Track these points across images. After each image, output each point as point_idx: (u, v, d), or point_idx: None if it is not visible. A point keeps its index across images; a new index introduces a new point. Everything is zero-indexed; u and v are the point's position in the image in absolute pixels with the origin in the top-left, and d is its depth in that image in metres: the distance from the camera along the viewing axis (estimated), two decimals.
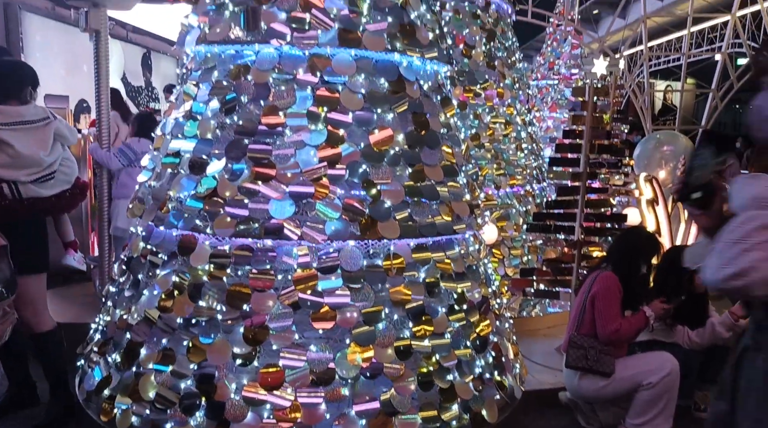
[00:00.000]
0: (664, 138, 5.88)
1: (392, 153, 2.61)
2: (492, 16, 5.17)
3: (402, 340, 2.47)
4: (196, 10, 2.73)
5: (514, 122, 5.25)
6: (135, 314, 2.61)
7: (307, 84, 2.53)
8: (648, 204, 4.58)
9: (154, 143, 2.87)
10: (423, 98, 2.79)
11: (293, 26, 2.48)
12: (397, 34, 2.63)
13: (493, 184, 5.03)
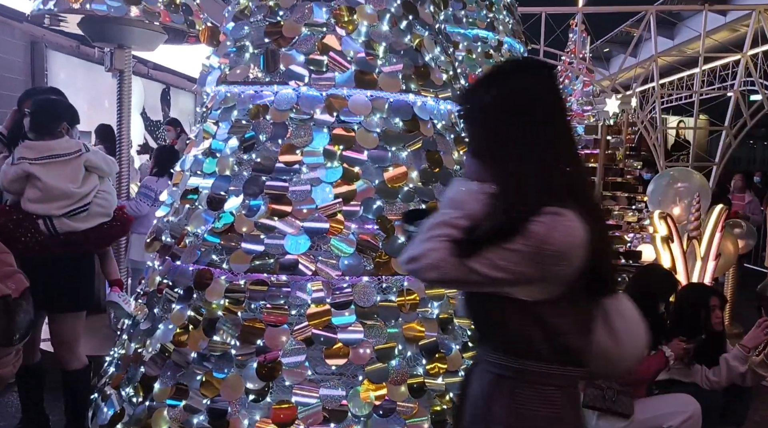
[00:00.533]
0: (678, 175, 5.87)
1: (406, 190, 2.65)
2: (504, 55, 5.28)
3: (415, 377, 2.46)
4: (218, 52, 2.83)
5: None
6: (150, 348, 2.62)
7: (323, 124, 2.59)
8: (663, 241, 4.56)
9: (173, 179, 2.94)
10: (437, 137, 2.84)
11: (311, 68, 2.56)
12: (412, 75, 2.70)
13: None
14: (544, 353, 1.32)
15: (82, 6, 3.48)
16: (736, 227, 5.88)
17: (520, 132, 1.30)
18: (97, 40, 3.98)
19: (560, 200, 1.25)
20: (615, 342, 1.42)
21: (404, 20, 2.72)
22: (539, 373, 1.32)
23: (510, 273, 1.24)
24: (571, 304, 1.32)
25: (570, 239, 1.23)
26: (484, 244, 1.25)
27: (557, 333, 1.31)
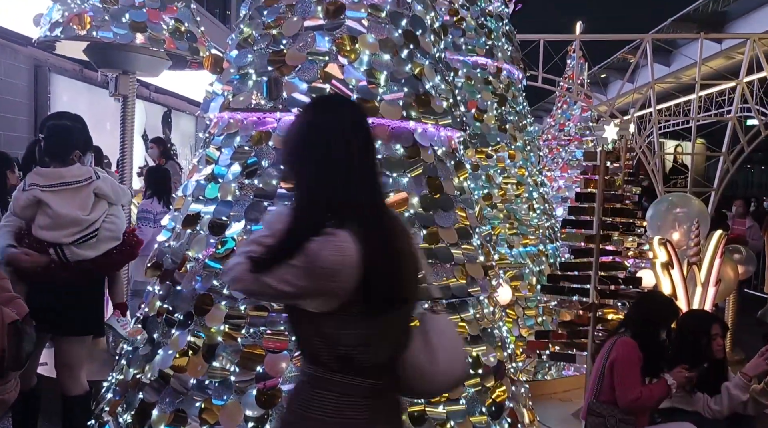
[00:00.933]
0: (676, 200, 5.90)
1: (407, 215, 2.66)
2: (503, 81, 5.35)
3: (416, 406, 2.44)
4: (221, 79, 2.87)
5: (526, 182, 5.33)
6: (149, 374, 2.60)
7: None
8: (663, 267, 4.55)
9: (175, 204, 2.95)
10: (437, 163, 2.86)
11: (314, 96, 2.60)
12: (413, 103, 2.74)
13: (506, 243, 5.06)
14: (327, 361, 1.45)
15: (88, 33, 3.54)
16: (735, 252, 5.88)
17: (311, 162, 1.45)
18: (102, 66, 4.03)
19: (340, 222, 1.40)
20: (430, 359, 1.51)
21: (405, 49, 2.77)
22: (324, 379, 1.46)
23: (294, 287, 1.38)
24: (353, 318, 1.42)
25: (339, 257, 1.36)
26: (277, 260, 1.39)
27: (337, 344, 1.43)
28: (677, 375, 2.97)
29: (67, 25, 3.53)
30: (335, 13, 2.66)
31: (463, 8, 5.16)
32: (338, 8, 2.66)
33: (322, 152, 1.45)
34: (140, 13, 3.61)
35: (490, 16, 5.31)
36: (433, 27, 3.01)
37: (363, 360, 1.45)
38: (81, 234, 2.86)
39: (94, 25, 3.53)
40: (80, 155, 3.02)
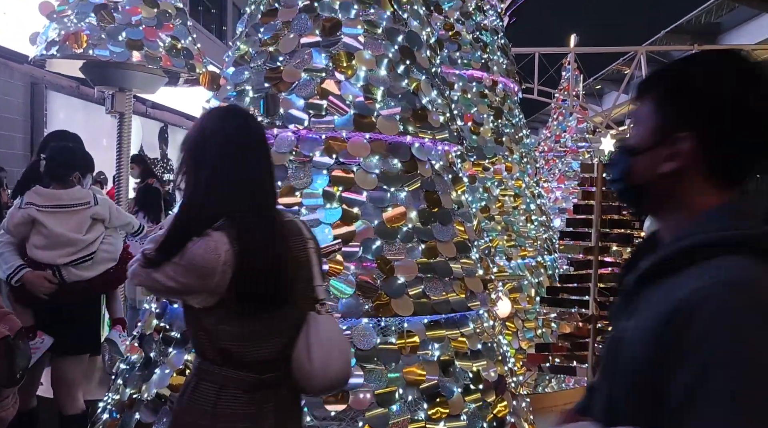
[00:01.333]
0: None
1: (405, 230, 2.65)
2: (499, 94, 5.38)
3: (416, 422, 2.41)
4: (218, 96, 2.87)
5: (523, 194, 5.34)
6: (145, 394, 2.57)
7: (323, 165, 2.62)
8: None
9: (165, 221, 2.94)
10: (435, 177, 2.86)
11: (311, 112, 2.60)
12: (410, 118, 2.74)
13: (504, 255, 5.06)
14: (211, 355, 1.57)
15: (84, 51, 3.55)
16: None
17: (197, 167, 1.57)
18: (99, 83, 4.04)
19: (219, 226, 1.51)
20: (308, 357, 1.59)
21: (401, 65, 2.78)
22: (208, 371, 1.58)
23: (177, 283, 1.50)
24: (230, 314, 1.53)
25: (212, 256, 1.47)
26: (164, 258, 1.50)
27: (217, 338, 1.54)
28: None
29: (63, 43, 3.54)
30: (331, 29, 2.67)
31: (459, 23, 5.20)
32: (334, 25, 2.67)
33: (207, 159, 1.56)
34: (137, 31, 3.63)
35: (485, 30, 5.35)
36: (429, 42, 3.03)
37: (243, 354, 1.55)
38: (76, 255, 2.87)
39: (91, 44, 3.54)
40: (80, 177, 3.04)
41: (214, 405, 1.54)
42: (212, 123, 1.62)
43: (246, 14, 2.97)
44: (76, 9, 3.65)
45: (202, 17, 17.86)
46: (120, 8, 3.65)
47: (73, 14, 3.64)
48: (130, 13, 3.67)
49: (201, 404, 1.55)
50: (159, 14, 3.77)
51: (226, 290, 1.50)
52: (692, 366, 0.81)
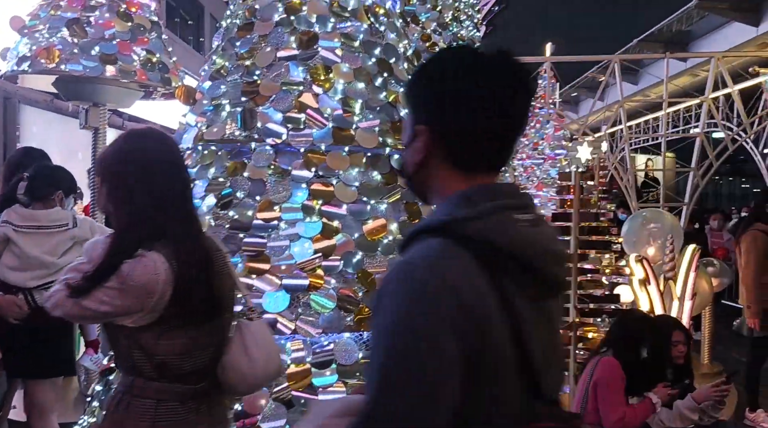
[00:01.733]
0: (650, 215, 6.01)
1: (386, 242, 2.64)
2: None
3: None
4: (194, 110, 2.85)
5: None
6: None
7: (302, 179, 2.60)
8: (640, 284, 4.62)
9: None
10: None
11: (289, 126, 2.59)
12: (389, 130, 2.74)
13: None
14: (145, 371, 1.60)
15: (57, 66, 3.49)
16: (709, 265, 5.99)
17: (122, 188, 1.62)
18: (72, 98, 3.97)
19: (151, 246, 1.56)
20: (249, 361, 1.70)
21: (379, 77, 2.78)
22: (140, 387, 1.61)
23: (113, 307, 1.53)
24: (171, 329, 1.59)
25: (152, 275, 1.53)
26: (95, 284, 1.53)
27: (155, 353, 1.59)
28: (660, 393, 2.98)
29: (35, 59, 3.47)
30: (308, 43, 2.66)
31: (436, 33, 5.24)
32: (311, 38, 2.67)
33: (133, 182, 1.60)
34: (110, 45, 3.57)
35: (462, 41, 5.39)
36: (407, 55, 3.04)
37: (181, 367, 1.62)
38: (48, 279, 2.81)
39: (63, 58, 3.48)
40: (62, 198, 2.98)
41: (152, 421, 1.58)
42: (132, 145, 1.66)
43: (221, 28, 2.95)
44: (48, 24, 3.58)
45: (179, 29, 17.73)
46: (93, 22, 3.60)
47: (45, 29, 3.58)
48: (103, 27, 3.62)
49: (138, 421, 1.58)
50: (133, 28, 3.73)
51: (168, 307, 1.57)
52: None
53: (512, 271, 0.93)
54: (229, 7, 2.99)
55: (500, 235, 0.93)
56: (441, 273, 0.88)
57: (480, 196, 0.97)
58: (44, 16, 3.63)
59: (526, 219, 0.98)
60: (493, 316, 0.90)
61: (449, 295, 0.87)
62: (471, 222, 0.94)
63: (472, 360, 0.88)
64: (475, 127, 0.99)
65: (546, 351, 0.98)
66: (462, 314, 0.87)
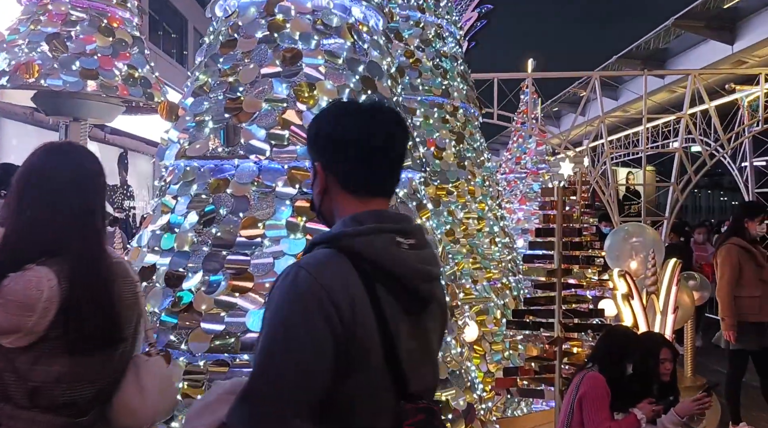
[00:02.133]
0: (632, 230, 6.06)
1: None
2: (460, 119, 5.45)
3: None
4: (177, 126, 2.82)
5: (487, 217, 5.39)
6: None
7: (286, 196, 2.58)
8: (624, 299, 4.64)
9: (130, 256, 2.84)
10: (399, 205, 2.86)
11: (272, 142, 2.57)
12: None
13: (470, 278, 5.07)
14: (17, 397, 1.47)
15: (36, 81, 3.44)
16: (690, 279, 6.06)
17: (17, 202, 1.53)
18: (52, 113, 3.92)
19: (44, 261, 1.47)
20: (141, 398, 1.61)
21: (363, 95, 2.79)
22: (11, 416, 1.48)
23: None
24: (49, 353, 1.47)
25: (34, 292, 1.42)
26: None
27: (28, 379, 1.47)
28: (645, 408, 2.98)
29: (14, 73, 3.42)
30: (292, 60, 2.66)
31: (419, 50, 5.28)
32: (295, 55, 2.67)
33: (31, 195, 1.53)
34: (91, 60, 3.54)
35: (445, 57, 5.44)
36: (390, 72, 3.05)
37: (57, 396, 1.49)
38: None
39: (43, 73, 3.44)
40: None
41: None
42: (39, 159, 1.59)
43: (204, 44, 2.94)
44: (27, 38, 3.54)
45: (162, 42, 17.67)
46: (74, 37, 3.56)
47: (24, 44, 3.53)
48: (84, 42, 3.58)
49: None
50: (115, 43, 3.70)
51: (51, 329, 1.45)
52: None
53: (384, 282, 1.13)
54: (212, 23, 2.98)
55: (375, 251, 1.13)
56: (318, 276, 1.08)
57: (367, 218, 1.17)
58: (24, 30, 3.59)
59: (408, 243, 1.17)
60: (363, 314, 1.09)
61: (323, 293, 1.06)
62: (353, 237, 1.13)
63: (341, 347, 1.06)
64: (357, 162, 1.20)
65: (415, 355, 1.17)
66: (333, 308, 1.06)
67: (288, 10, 2.72)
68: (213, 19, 2.98)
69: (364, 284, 1.10)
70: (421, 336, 1.20)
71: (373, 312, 1.09)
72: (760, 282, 4.84)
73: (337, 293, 1.07)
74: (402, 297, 1.14)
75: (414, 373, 1.15)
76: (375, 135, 1.21)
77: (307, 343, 1.04)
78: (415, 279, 1.16)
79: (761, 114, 9.18)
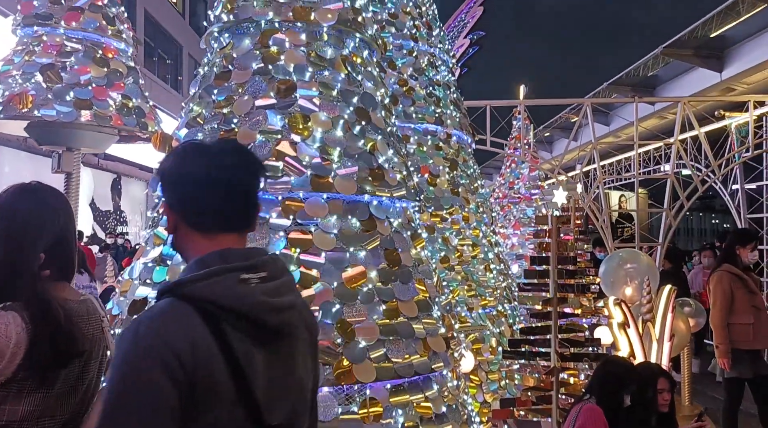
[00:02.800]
0: (626, 256, 6.06)
1: (365, 290, 2.60)
2: (453, 146, 5.48)
3: None
4: None
5: (481, 243, 5.38)
6: None
7: (280, 228, 2.56)
8: (620, 327, 4.61)
9: (121, 287, 2.80)
10: (394, 234, 2.84)
11: (267, 174, 2.55)
12: (367, 177, 2.74)
13: (465, 306, 5.04)
14: None
15: (30, 112, 3.43)
16: (685, 306, 6.04)
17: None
18: (45, 143, 3.90)
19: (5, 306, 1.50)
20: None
21: (357, 125, 2.79)
22: None
23: None
24: (22, 392, 1.50)
25: (1, 340, 1.46)
26: None
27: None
28: None
29: (8, 104, 3.41)
30: (286, 91, 2.67)
31: (412, 78, 5.32)
32: (289, 87, 2.68)
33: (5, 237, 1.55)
34: (85, 90, 3.54)
35: (438, 86, 5.49)
36: (384, 103, 3.07)
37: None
38: None
39: (37, 104, 3.43)
40: None
41: None
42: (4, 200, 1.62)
43: (198, 76, 2.95)
44: (22, 69, 3.54)
45: (157, 68, 17.80)
46: (68, 68, 3.57)
47: (19, 74, 3.53)
48: (78, 73, 3.59)
49: None
50: (109, 73, 3.70)
51: (18, 371, 1.48)
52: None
53: (230, 320, 1.16)
54: (207, 54, 3.00)
55: (217, 292, 1.17)
56: (157, 328, 1.12)
57: (213, 260, 1.21)
58: (18, 61, 3.59)
59: (258, 277, 1.21)
60: (208, 356, 1.13)
61: (161, 344, 1.10)
62: (195, 283, 1.17)
63: (185, 393, 1.10)
64: (199, 200, 1.25)
65: (278, 383, 1.23)
66: (173, 357, 1.09)
67: (282, 42, 2.74)
68: (207, 50, 3.00)
69: (208, 326, 1.14)
70: (283, 364, 1.26)
71: (220, 352, 1.14)
72: (752, 309, 4.83)
73: (176, 341, 1.11)
74: (251, 332, 1.19)
75: (277, 402, 1.22)
76: (216, 172, 1.24)
77: (148, 398, 1.08)
78: (261, 313, 1.20)
79: (751, 140, 9.30)
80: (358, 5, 2.94)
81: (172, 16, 19.00)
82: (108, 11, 3.77)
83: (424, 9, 5.43)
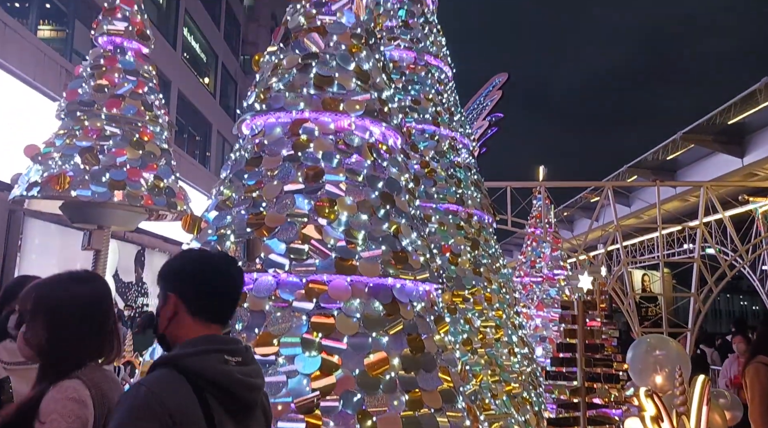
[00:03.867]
0: (654, 342, 5.84)
1: (387, 379, 2.53)
2: (474, 226, 5.49)
3: None
4: (198, 239, 2.86)
5: (505, 325, 5.25)
6: None
7: (302, 311, 2.55)
8: (653, 421, 4.37)
9: (141, 368, 2.77)
10: (417, 319, 2.80)
11: (292, 256, 2.58)
12: (391, 260, 2.74)
13: (489, 392, 4.85)
14: None
15: (66, 192, 3.56)
16: (720, 397, 5.73)
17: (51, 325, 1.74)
18: (77, 221, 4.01)
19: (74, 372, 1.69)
20: None
21: (382, 209, 2.83)
22: None
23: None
24: None
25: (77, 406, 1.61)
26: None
27: None
28: None
29: (46, 184, 3.55)
30: (314, 177, 2.74)
31: (434, 160, 5.44)
32: (317, 173, 2.75)
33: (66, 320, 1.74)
34: (120, 172, 3.67)
35: (459, 167, 5.59)
36: (408, 187, 3.12)
37: None
38: None
39: (73, 184, 3.56)
40: None
41: None
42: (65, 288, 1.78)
43: (230, 160, 3.05)
44: (62, 151, 3.71)
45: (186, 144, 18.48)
46: (106, 151, 3.73)
47: (58, 157, 3.70)
48: (115, 155, 3.74)
49: None
50: (144, 155, 3.86)
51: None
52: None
53: (212, 391, 1.45)
54: (239, 140, 3.12)
55: (204, 367, 1.46)
56: (155, 390, 1.39)
57: (200, 342, 1.51)
58: (60, 144, 3.76)
59: (235, 360, 1.51)
60: (194, 418, 1.40)
61: (158, 403, 1.37)
62: (186, 358, 1.46)
63: None
64: (206, 295, 1.57)
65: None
66: (167, 415, 1.36)
67: (312, 131, 2.84)
68: (239, 136, 3.12)
69: (195, 393, 1.42)
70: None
71: (202, 415, 1.41)
72: None
73: (170, 402, 1.38)
74: (227, 403, 1.47)
75: None
76: (222, 278, 1.61)
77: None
78: (239, 388, 1.50)
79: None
80: (384, 97, 3.07)
81: (204, 96, 19.93)
82: (147, 98, 3.98)
83: (446, 96, 5.64)
